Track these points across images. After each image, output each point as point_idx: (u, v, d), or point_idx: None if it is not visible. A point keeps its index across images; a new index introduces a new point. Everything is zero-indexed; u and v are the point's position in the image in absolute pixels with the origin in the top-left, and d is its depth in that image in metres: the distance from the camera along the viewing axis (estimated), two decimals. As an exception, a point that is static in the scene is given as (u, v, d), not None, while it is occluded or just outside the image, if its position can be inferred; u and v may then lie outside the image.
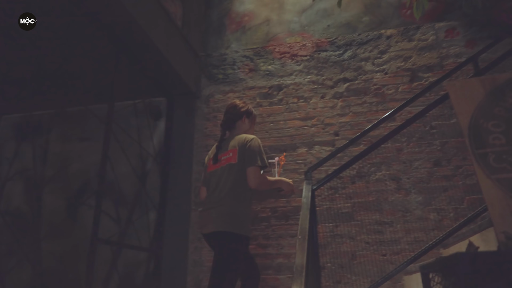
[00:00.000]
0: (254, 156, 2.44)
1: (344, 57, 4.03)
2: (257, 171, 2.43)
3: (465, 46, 3.83)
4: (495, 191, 1.23)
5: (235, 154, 2.48)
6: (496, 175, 1.26)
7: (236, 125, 2.71)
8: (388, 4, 4.14)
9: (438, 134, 3.60)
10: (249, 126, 2.76)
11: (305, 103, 3.96)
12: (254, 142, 2.52)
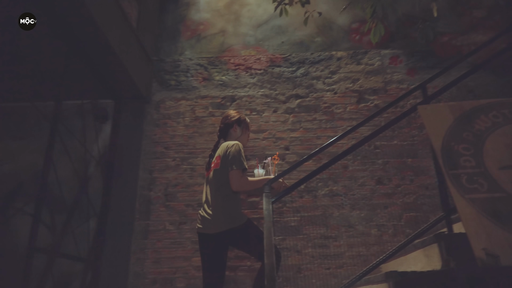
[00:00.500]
0: (233, 160, 2.69)
1: (297, 74, 4.15)
2: (237, 174, 2.68)
3: (407, 74, 4.13)
4: (469, 210, 1.31)
5: (219, 160, 2.77)
6: (469, 195, 1.35)
7: (229, 133, 2.99)
8: (339, 28, 4.34)
9: (381, 154, 3.82)
10: (241, 133, 3.01)
11: (257, 116, 4.00)
12: (233, 147, 2.75)
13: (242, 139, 3.02)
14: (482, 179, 1.39)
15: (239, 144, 2.81)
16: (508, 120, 1.59)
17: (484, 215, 1.27)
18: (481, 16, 4.35)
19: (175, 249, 3.61)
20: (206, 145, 3.90)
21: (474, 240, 1.23)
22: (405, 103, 3.88)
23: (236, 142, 2.82)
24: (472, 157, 1.45)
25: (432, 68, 4.12)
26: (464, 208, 1.30)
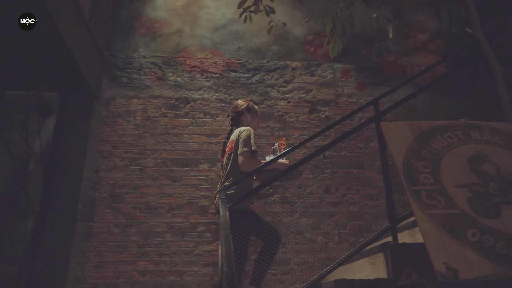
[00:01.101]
0: (243, 143, 2.91)
1: (252, 81, 4.18)
2: (245, 155, 2.88)
3: (356, 88, 4.32)
4: (428, 225, 1.40)
5: (232, 145, 3.00)
6: (428, 210, 1.44)
7: (240, 120, 3.20)
8: (295, 39, 4.44)
9: (330, 164, 3.95)
10: (251, 119, 3.21)
11: (211, 120, 3.97)
12: (244, 132, 2.98)
13: (253, 125, 3.22)
14: (440, 196, 1.49)
15: (251, 129, 3.03)
16: (461, 141, 1.72)
17: (442, 230, 1.36)
18: (424, 40, 4.66)
19: (119, 252, 3.47)
20: (157, 146, 3.80)
21: (434, 254, 1.31)
22: (354, 116, 4.04)
23: (248, 128, 3.04)
24: (430, 174, 1.55)
25: (380, 85, 4.34)
26: (424, 223, 1.39)
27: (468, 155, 1.68)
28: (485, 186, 1.55)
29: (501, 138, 1.76)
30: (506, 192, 1.55)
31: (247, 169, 2.87)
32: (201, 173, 3.78)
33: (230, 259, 1.91)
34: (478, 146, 1.72)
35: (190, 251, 3.54)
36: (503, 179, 1.60)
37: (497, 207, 1.48)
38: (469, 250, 1.35)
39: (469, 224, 1.43)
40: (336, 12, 2.75)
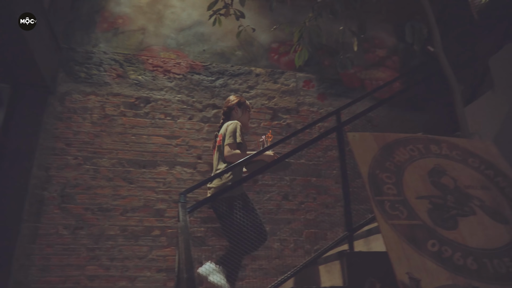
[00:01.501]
0: (228, 136, 3.07)
1: (216, 84, 4.15)
2: (230, 146, 3.03)
3: (317, 98, 4.40)
4: (391, 235, 1.43)
5: (221, 137, 3.18)
6: (392, 220, 1.47)
7: (231, 114, 3.34)
8: (260, 45, 4.46)
9: (289, 171, 3.98)
10: (241, 114, 3.36)
11: (172, 121, 3.89)
12: (231, 125, 3.14)
13: (243, 119, 3.36)
14: (403, 206, 1.53)
15: (238, 122, 3.18)
16: (422, 154, 1.78)
17: (404, 241, 1.39)
18: (382, 55, 4.84)
19: (68, 256, 3.30)
20: (114, 145, 3.67)
21: (397, 264, 1.34)
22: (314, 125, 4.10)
23: (235, 121, 3.19)
24: (394, 185, 1.59)
25: (340, 96, 4.45)
26: (387, 232, 1.42)
27: (428, 168, 1.74)
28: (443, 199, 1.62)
29: (458, 153, 1.84)
30: (462, 205, 1.62)
31: (231, 159, 3.01)
32: (159, 175, 3.69)
33: (190, 264, 1.86)
34: (438, 159, 1.79)
35: (144, 255, 3.44)
36: (460, 192, 1.67)
37: (455, 219, 1.54)
38: (429, 260, 1.39)
39: (429, 234, 1.47)
40: (305, 22, 2.78)
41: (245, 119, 3.38)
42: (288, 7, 4.62)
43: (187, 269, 1.85)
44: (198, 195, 3.61)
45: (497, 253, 1.46)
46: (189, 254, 1.95)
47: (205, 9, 3.11)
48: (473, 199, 1.66)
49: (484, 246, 1.47)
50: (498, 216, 1.61)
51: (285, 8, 4.61)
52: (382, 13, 4.93)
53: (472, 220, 1.57)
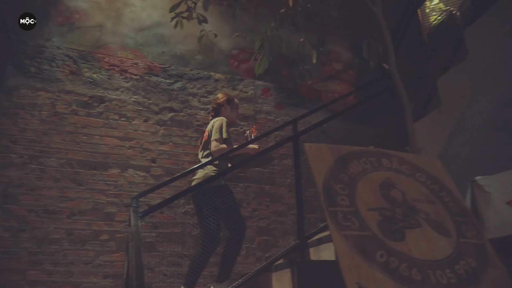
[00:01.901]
0: (215, 132, 3.15)
1: (174, 87, 4.09)
2: (216, 141, 3.11)
3: (275, 107, 4.46)
4: (343, 245, 1.48)
5: (207, 133, 3.26)
6: (344, 231, 1.52)
7: (220, 111, 3.39)
8: (220, 51, 4.46)
9: (244, 178, 4.00)
10: (230, 111, 3.41)
11: (126, 123, 3.79)
12: (218, 122, 3.21)
13: (232, 116, 3.43)
14: (354, 218, 1.57)
15: (224, 119, 3.24)
16: (374, 167, 1.85)
17: (355, 251, 1.44)
18: (338, 69, 5.00)
19: (8, 260, 3.11)
20: (63, 145, 3.51)
21: (347, 274, 1.38)
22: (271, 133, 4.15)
23: (222, 118, 3.26)
24: (347, 197, 1.64)
25: (296, 106, 4.54)
26: (339, 243, 1.46)
27: (380, 181, 1.81)
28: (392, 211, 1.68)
29: (407, 167, 1.93)
30: (409, 218, 1.69)
31: (218, 154, 3.08)
32: (110, 177, 3.57)
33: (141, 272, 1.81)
34: (388, 173, 1.86)
35: (90, 261, 3.31)
36: (408, 205, 1.74)
37: (402, 231, 1.61)
38: (377, 270, 1.44)
39: (378, 246, 1.53)
40: (266, 31, 2.82)
41: (233, 116, 3.47)
42: (250, 15, 4.66)
43: (137, 277, 1.80)
44: (151, 199, 3.53)
45: (439, 264, 1.54)
46: (140, 261, 1.91)
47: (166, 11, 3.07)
48: (420, 212, 1.74)
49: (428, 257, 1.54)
50: (442, 229, 1.70)
51: (247, 16, 4.65)
52: (340, 29, 5.11)
53: (418, 232, 1.65)
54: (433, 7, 4.28)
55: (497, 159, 2.80)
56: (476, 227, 1.75)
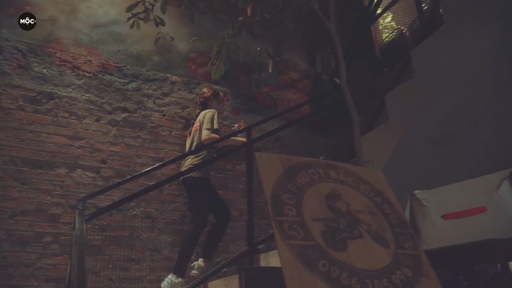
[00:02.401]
0: (206, 122, 3.48)
1: (129, 87, 4.01)
2: (207, 130, 3.44)
3: (231, 112, 4.48)
4: (287, 254, 1.52)
5: (198, 124, 3.58)
6: (289, 240, 1.56)
7: (208, 104, 3.76)
8: (178, 53, 4.43)
9: (197, 182, 3.97)
10: (217, 104, 3.81)
11: (76, 121, 3.67)
12: (209, 113, 3.56)
13: (219, 109, 3.82)
14: (300, 227, 1.62)
15: (214, 111, 3.60)
16: (322, 178, 1.92)
17: (298, 260, 1.48)
18: (295, 78, 5.10)
19: None
20: (7, 141, 3.34)
21: (290, 282, 1.42)
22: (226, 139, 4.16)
23: (212, 110, 3.62)
24: (294, 206, 1.69)
25: (252, 112, 4.59)
26: (283, 252, 1.50)
27: (326, 192, 1.87)
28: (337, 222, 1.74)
29: (353, 179, 2.01)
30: (352, 228, 1.76)
31: (208, 142, 3.40)
32: (56, 177, 3.44)
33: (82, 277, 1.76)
34: (335, 184, 1.93)
35: (31, 263, 3.16)
36: (351, 216, 1.82)
37: (344, 242, 1.67)
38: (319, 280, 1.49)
39: (321, 255, 1.58)
40: (224, 38, 2.84)
41: (220, 108, 3.84)
42: (209, 19, 4.66)
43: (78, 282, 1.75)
44: (99, 201, 3.44)
45: (377, 274, 1.62)
46: (82, 267, 1.86)
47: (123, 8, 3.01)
48: (362, 223, 1.81)
49: (367, 267, 1.61)
50: (381, 240, 1.79)
51: (207, 20, 4.64)
52: (298, 39, 5.22)
53: (359, 242, 1.72)
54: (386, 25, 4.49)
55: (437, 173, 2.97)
56: (413, 239, 1.86)
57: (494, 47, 2.38)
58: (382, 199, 2.01)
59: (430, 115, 2.63)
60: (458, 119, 2.69)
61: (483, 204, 1.65)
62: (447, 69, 2.45)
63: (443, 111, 2.64)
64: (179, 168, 3.85)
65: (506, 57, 2.45)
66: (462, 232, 1.71)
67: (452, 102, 2.59)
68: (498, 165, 2.95)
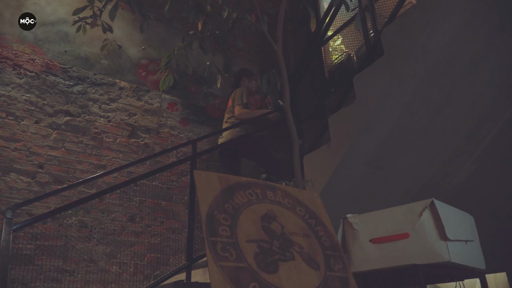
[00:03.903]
0: (237, 99, 3.83)
1: (73, 90, 3.87)
2: (238, 106, 3.78)
3: (180, 122, 4.44)
4: (218, 276, 1.53)
5: (231, 100, 3.97)
6: (220, 262, 1.57)
7: (240, 83, 4.11)
8: (128, 58, 4.34)
9: (140, 192, 3.90)
10: (247, 82, 4.14)
11: (14, 122, 3.49)
12: (239, 90, 3.91)
13: (250, 86, 4.16)
14: (233, 249, 1.64)
15: (243, 88, 3.95)
16: (259, 199, 1.95)
17: (228, 282, 1.50)
18: (247, 91, 5.14)
19: None
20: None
21: (218, 305, 1.43)
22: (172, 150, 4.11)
23: (241, 87, 3.98)
24: (228, 227, 1.70)
25: (202, 124, 4.57)
26: (214, 274, 1.50)
27: (262, 213, 1.90)
28: (270, 243, 1.78)
29: (289, 201, 2.06)
30: (285, 250, 1.80)
31: (240, 117, 3.74)
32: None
33: None
34: (271, 205, 1.97)
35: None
36: (285, 238, 1.86)
37: (276, 264, 1.71)
38: (248, 301, 1.50)
39: (252, 277, 1.60)
40: (173, 50, 2.83)
41: (251, 86, 4.17)
42: (163, 26, 4.61)
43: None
44: (32, 208, 3.28)
45: (305, 296, 1.66)
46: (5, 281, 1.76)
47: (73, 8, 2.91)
48: (295, 245, 1.86)
49: (295, 290, 1.65)
50: (312, 262, 1.84)
51: (161, 27, 4.59)
52: (252, 54, 5.29)
53: (290, 265, 1.76)
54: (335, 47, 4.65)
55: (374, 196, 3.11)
56: (343, 261, 1.93)
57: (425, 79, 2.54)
58: (316, 221, 2.07)
59: (369, 139, 2.75)
60: (394, 145, 2.83)
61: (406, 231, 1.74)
62: (385, 97, 2.58)
63: (381, 136, 2.77)
64: (122, 176, 3.77)
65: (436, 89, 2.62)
66: (388, 256, 1.80)
67: (389, 128, 2.73)
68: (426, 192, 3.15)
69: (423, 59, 2.47)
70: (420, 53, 2.43)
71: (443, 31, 2.39)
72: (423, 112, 2.72)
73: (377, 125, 2.71)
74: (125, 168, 3.54)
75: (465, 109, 2.79)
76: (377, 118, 2.68)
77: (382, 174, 2.98)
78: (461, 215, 1.86)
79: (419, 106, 2.68)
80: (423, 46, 2.41)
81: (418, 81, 2.56)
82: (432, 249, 1.66)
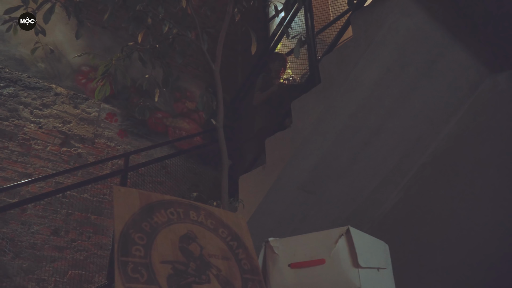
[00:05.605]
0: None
1: (3, 92, 3.65)
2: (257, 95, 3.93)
3: (118, 134, 4.30)
4: (124, 298, 1.46)
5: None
6: (129, 283, 1.51)
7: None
8: (68, 64, 4.18)
9: (67, 204, 3.70)
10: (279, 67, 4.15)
11: None
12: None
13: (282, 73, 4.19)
14: (145, 269, 1.58)
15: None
16: (180, 219, 1.91)
17: (136, 305, 1.43)
18: (191, 108, 5.11)
19: None
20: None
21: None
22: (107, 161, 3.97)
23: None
24: (143, 247, 1.64)
25: (141, 137, 4.46)
26: (119, 296, 1.43)
27: (181, 233, 1.85)
28: (186, 265, 1.73)
29: (212, 222, 2.03)
30: (201, 273, 1.76)
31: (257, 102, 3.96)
32: None
33: None
34: (192, 226, 1.92)
35: None
36: (203, 260, 1.82)
37: (190, 286, 1.66)
38: (154, 326, 1.44)
39: (161, 300, 1.54)
40: (111, 60, 2.75)
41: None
42: (109, 35, 4.50)
43: None
44: None
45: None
46: None
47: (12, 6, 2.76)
48: (212, 268, 1.82)
49: (205, 315, 1.60)
50: (229, 286, 1.81)
51: (106, 34, 4.48)
52: (199, 70, 5.28)
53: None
54: (281, 71, 4.76)
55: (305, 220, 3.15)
56: (261, 285, 1.91)
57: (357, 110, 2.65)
58: (238, 243, 2.05)
59: (302, 164, 2.79)
60: (326, 171, 2.90)
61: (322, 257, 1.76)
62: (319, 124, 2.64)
63: (314, 162, 2.83)
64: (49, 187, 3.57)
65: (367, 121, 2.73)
66: (304, 282, 1.81)
67: (321, 154, 2.79)
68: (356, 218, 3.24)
69: (355, 92, 2.57)
70: (353, 85, 2.53)
71: (375, 66, 2.51)
72: (355, 141, 2.82)
73: (310, 150, 2.77)
74: (53, 177, 3.36)
75: (393, 141, 2.92)
76: (311, 143, 2.74)
77: (314, 198, 3.03)
78: (376, 243, 1.92)
79: (351, 134, 2.77)
80: (356, 79, 2.51)
81: (349, 112, 2.65)
82: (345, 276, 1.69)
